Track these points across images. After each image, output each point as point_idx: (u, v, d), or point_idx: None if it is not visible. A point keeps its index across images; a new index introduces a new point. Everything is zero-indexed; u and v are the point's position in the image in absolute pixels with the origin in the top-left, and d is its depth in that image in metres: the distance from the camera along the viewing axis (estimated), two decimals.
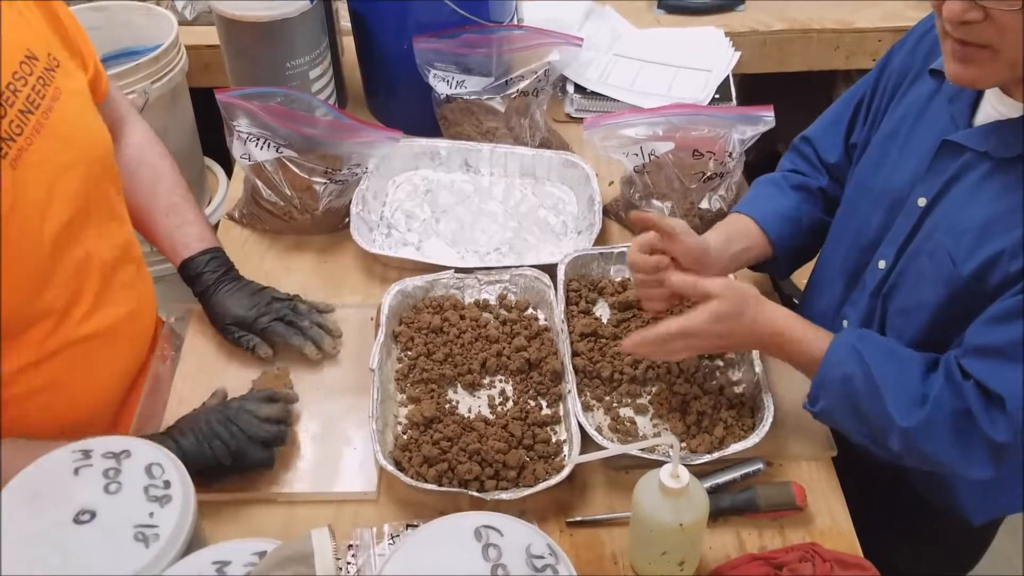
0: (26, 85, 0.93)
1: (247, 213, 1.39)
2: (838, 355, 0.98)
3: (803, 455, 1.09)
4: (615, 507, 1.04)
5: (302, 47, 1.41)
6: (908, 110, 1.05)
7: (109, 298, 1.05)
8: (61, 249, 0.97)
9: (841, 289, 1.14)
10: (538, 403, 1.13)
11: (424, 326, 1.19)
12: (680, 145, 1.29)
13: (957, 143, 0.95)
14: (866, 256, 1.08)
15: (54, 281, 0.97)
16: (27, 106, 0.92)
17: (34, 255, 0.93)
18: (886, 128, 1.08)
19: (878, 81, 1.12)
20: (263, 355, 1.15)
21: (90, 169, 1.02)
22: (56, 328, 0.98)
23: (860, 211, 1.09)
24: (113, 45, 1.76)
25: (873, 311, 1.07)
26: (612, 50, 1.73)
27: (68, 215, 0.97)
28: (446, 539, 0.72)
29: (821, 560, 0.95)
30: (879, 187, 1.06)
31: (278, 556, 0.69)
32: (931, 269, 0.97)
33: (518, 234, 1.37)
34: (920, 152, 1.00)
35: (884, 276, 1.05)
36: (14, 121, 0.90)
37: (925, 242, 0.99)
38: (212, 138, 1.73)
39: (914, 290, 1.00)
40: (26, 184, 0.91)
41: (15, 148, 0.89)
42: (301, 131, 1.29)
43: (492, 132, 1.47)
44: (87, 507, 0.75)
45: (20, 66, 0.93)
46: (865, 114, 1.14)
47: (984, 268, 0.92)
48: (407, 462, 1.04)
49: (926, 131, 1.01)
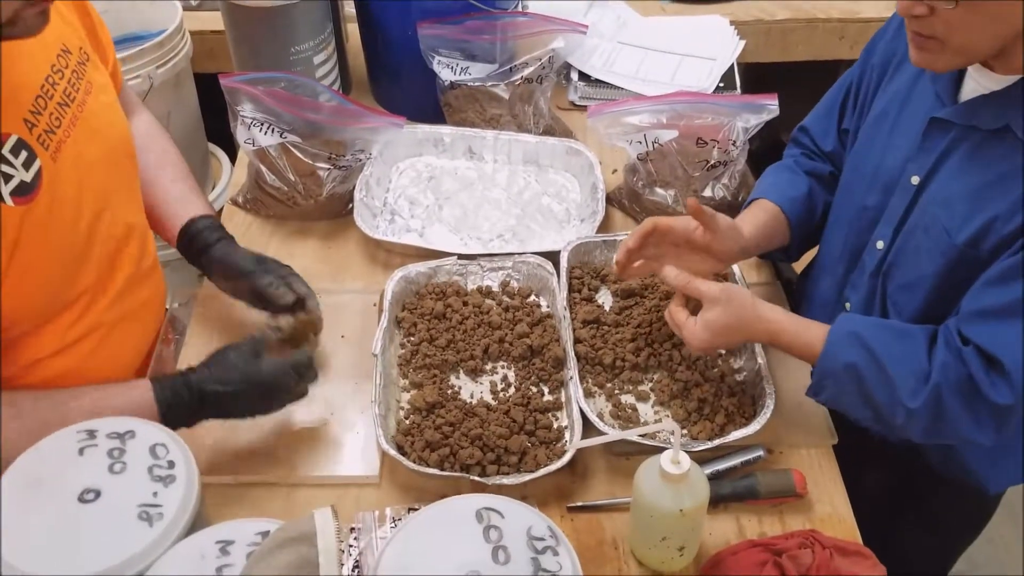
0: (63, 78, 0.94)
1: (251, 199, 1.39)
2: (838, 345, 0.99)
3: (803, 443, 1.09)
4: (616, 493, 1.04)
5: (306, 33, 1.41)
6: (895, 94, 1.07)
7: (132, 286, 1.07)
8: (94, 239, 0.98)
9: (842, 272, 1.15)
10: (540, 389, 1.13)
11: (427, 312, 1.20)
12: (684, 133, 1.29)
13: (945, 119, 0.97)
14: (864, 237, 1.10)
15: (86, 269, 0.98)
16: (64, 99, 0.94)
17: (71, 245, 0.94)
18: (875, 112, 1.09)
19: (864, 68, 1.14)
20: (287, 300, 1.07)
21: (118, 161, 1.03)
22: (82, 316, 0.99)
23: (856, 194, 1.11)
24: (118, 30, 1.76)
25: (874, 291, 1.08)
26: (617, 38, 1.72)
27: (100, 206, 0.99)
28: (447, 521, 0.72)
29: (820, 547, 0.95)
30: (872, 169, 1.08)
31: (281, 536, 0.69)
32: (927, 242, 0.99)
33: (521, 221, 1.37)
34: (910, 132, 1.02)
35: (883, 256, 1.06)
36: (53, 113, 0.91)
37: (920, 218, 1.01)
38: (216, 124, 1.73)
39: (913, 265, 1.02)
40: (65, 176, 0.92)
41: (55, 140, 0.90)
42: (305, 116, 1.29)
43: (496, 119, 1.47)
44: (92, 487, 0.75)
45: (57, 59, 0.94)
46: (854, 101, 1.16)
47: (978, 235, 0.94)
48: (409, 447, 1.04)
49: (914, 111, 1.03)
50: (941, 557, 1.36)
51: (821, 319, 1.18)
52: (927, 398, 0.94)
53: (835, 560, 0.94)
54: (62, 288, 0.95)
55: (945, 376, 0.93)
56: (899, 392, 0.95)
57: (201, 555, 0.72)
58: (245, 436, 1.08)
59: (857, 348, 0.97)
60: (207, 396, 0.95)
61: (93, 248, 0.98)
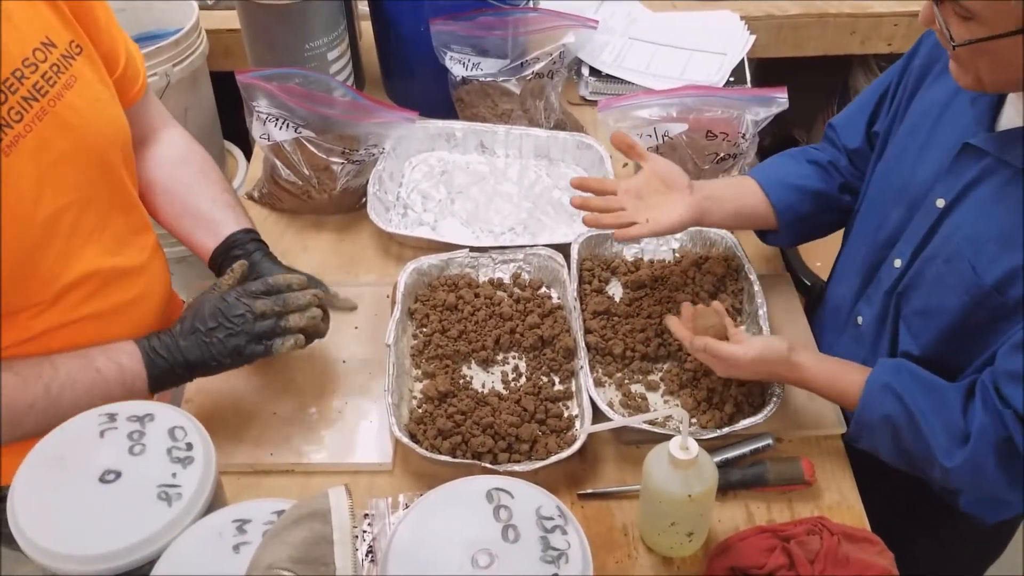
0: (36, 71, 0.93)
1: (266, 193, 1.41)
2: (874, 396, 0.97)
3: (812, 431, 1.10)
4: (626, 480, 1.05)
5: (320, 29, 1.43)
6: (931, 106, 1.03)
7: (110, 285, 1.06)
8: (54, 236, 0.97)
9: (858, 284, 1.13)
10: (551, 379, 1.15)
11: (439, 304, 1.21)
12: (694, 126, 1.30)
13: (978, 147, 0.94)
14: (883, 253, 1.08)
15: (45, 267, 0.97)
16: (33, 92, 0.93)
17: (23, 241, 0.93)
18: (908, 122, 1.07)
19: (905, 70, 1.11)
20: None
21: (96, 158, 1.02)
22: (47, 309, 0.99)
23: (880, 206, 1.09)
24: (135, 28, 1.78)
25: (887, 310, 1.07)
26: (627, 33, 1.73)
27: (64, 202, 0.98)
28: (459, 501, 0.74)
29: (829, 533, 0.96)
30: (899, 184, 1.05)
31: (296, 513, 0.71)
32: (950, 275, 0.96)
33: (532, 214, 1.39)
34: (941, 152, 0.99)
35: (899, 275, 1.04)
36: (14, 108, 0.91)
37: (943, 246, 0.98)
38: (232, 121, 1.75)
39: (933, 294, 1.00)
40: (19, 171, 0.91)
41: (11, 135, 0.90)
42: (319, 112, 1.31)
43: (507, 114, 1.48)
44: (112, 468, 0.77)
45: (34, 53, 0.94)
46: (890, 103, 1.13)
47: (1006, 280, 0.91)
48: (422, 435, 1.06)
49: (948, 130, 0.99)
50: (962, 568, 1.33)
51: (831, 326, 1.19)
52: (964, 461, 0.92)
53: (843, 546, 0.95)
54: (18, 280, 0.94)
55: (984, 440, 0.91)
56: (933, 449, 0.93)
57: (219, 533, 0.74)
58: (260, 425, 1.10)
59: (892, 400, 0.96)
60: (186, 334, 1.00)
61: (54, 241, 0.97)
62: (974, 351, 0.98)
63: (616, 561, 0.98)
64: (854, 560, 0.94)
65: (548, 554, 0.70)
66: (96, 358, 0.99)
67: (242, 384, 1.15)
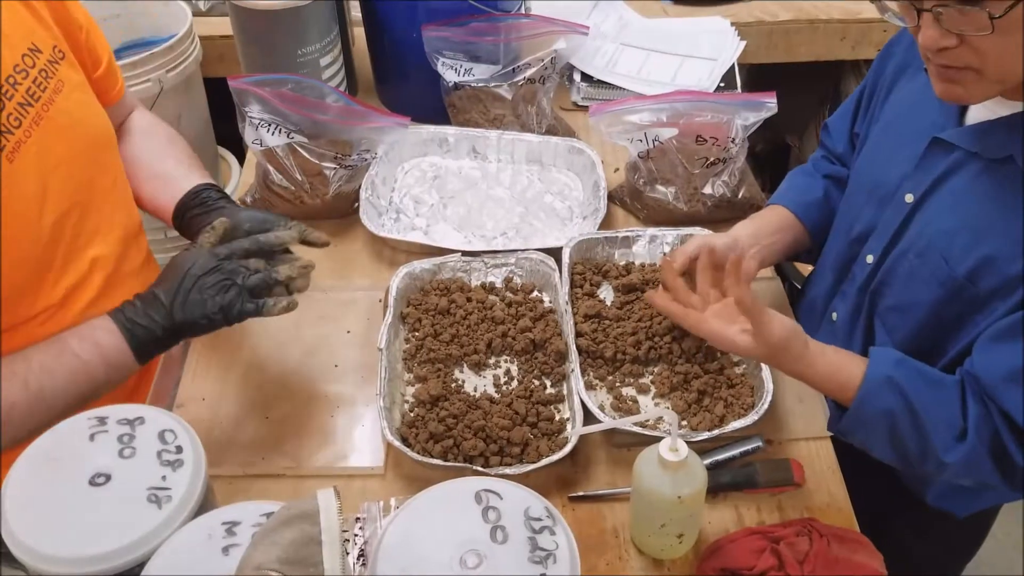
0: (27, 78, 0.94)
1: (259, 198, 1.42)
2: (875, 390, 0.95)
3: (802, 433, 1.11)
4: (617, 483, 1.06)
5: (313, 35, 1.44)
6: (902, 104, 1.05)
7: (114, 286, 1.06)
8: (60, 240, 0.98)
9: (832, 280, 1.15)
10: (542, 382, 1.15)
11: (431, 308, 1.22)
12: (684, 131, 1.31)
13: (947, 141, 0.94)
14: (855, 249, 1.09)
15: (52, 272, 0.98)
16: (27, 98, 0.93)
17: (31, 247, 0.94)
18: (882, 121, 1.08)
19: (879, 72, 1.12)
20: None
21: (91, 160, 1.03)
22: (54, 315, 0.99)
23: (854, 203, 1.10)
24: (129, 35, 1.79)
25: (861, 306, 1.08)
26: (619, 39, 1.75)
27: (66, 206, 0.98)
28: (448, 501, 0.74)
29: (818, 534, 0.96)
30: (871, 180, 1.06)
31: (285, 514, 0.71)
32: (923, 269, 0.97)
33: (524, 219, 1.39)
34: (910, 147, 1.00)
35: (872, 271, 1.05)
36: (12, 114, 0.91)
37: (915, 241, 0.99)
38: (225, 127, 1.76)
39: (906, 289, 1.00)
40: (24, 176, 0.92)
41: (12, 141, 0.91)
42: (312, 117, 1.32)
43: (499, 119, 1.49)
44: (102, 470, 0.77)
45: (23, 59, 0.94)
46: (866, 105, 1.15)
47: (977, 270, 0.92)
48: (413, 438, 1.06)
49: (917, 126, 1.00)
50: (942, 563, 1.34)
51: (807, 322, 1.19)
52: (963, 456, 0.92)
53: (833, 547, 0.95)
54: (27, 289, 0.95)
55: (980, 436, 0.91)
56: (932, 444, 0.93)
57: (208, 535, 0.74)
58: (252, 429, 1.10)
59: (894, 395, 0.94)
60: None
61: (59, 246, 0.98)
62: (947, 344, 0.99)
63: (607, 563, 0.99)
64: (843, 561, 0.95)
65: (536, 554, 0.70)
66: (69, 342, 0.93)
67: (234, 388, 1.15)
